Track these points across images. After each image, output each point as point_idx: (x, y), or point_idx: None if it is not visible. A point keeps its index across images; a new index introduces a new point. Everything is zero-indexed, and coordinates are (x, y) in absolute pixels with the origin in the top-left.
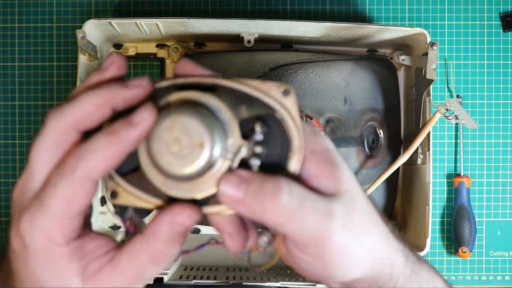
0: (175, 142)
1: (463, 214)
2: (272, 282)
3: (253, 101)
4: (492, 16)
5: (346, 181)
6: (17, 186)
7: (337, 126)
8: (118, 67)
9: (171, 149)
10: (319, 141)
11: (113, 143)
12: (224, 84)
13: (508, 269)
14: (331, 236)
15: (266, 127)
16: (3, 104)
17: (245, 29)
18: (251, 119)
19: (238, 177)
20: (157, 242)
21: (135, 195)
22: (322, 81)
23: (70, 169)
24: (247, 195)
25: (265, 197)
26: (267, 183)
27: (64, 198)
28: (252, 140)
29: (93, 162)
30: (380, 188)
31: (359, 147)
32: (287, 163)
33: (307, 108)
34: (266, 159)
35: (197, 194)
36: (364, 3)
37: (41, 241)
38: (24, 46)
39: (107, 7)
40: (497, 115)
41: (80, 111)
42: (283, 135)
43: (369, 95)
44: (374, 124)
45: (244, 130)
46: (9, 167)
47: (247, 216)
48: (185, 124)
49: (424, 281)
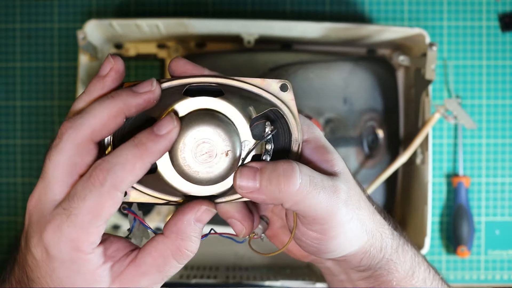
0: (201, 150)
1: (462, 213)
2: (272, 281)
3: (257, 99)
4: (491, 17)
5: (339, 163)
6: (33, 197)
7: (336, 126)
8: (117, 71)
9: (197, 158)
10: (311, 130)
11: (142, 155)
12: (229, 84)
13: (506, 267)
14: (338, 211)
15: (269, 120)
16: (3, 104)
17: (245, 30)
18: (259, 118)
19: (251, 169)
20: (182, 241)
21: (146, 194)
22: (321, 81)
23: (99, 182)
24: (262, 182)
25: (279, 179)
26: (278, 166)
27: (92, 209)
28: (264, 139)
29: (121, 174)
30: (380, 188)
31: (359, 147)
32: (290, 150)
33: (306, 108)
34: (272, 152)
35: (215, 192)
36: (363, 3)
37: (67, 251)
38: (25, 46)
39: (107, 7)
40: (496, 115)
41: (96, 122)
42: (284, 126)
43: (369, 95)
44: (374, 124)
45: (254, 129)
46: (10, 167)
47: (265, 202)
48: (209, 133)
49: (408, 256)
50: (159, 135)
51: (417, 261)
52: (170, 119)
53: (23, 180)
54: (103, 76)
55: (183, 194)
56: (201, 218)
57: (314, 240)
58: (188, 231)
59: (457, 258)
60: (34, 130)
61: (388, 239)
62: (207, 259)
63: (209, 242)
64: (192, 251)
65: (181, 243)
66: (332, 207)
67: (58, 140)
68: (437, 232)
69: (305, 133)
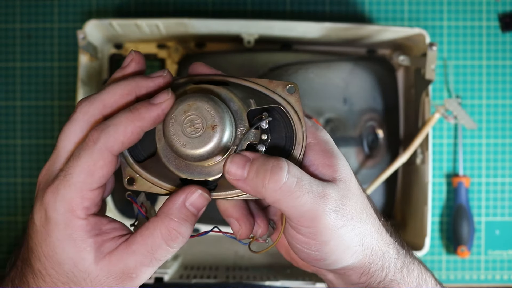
0: (190, 124)
1: (462, 213)
2: (272, 281)
3: (261, 96)
4: (491, 17)
5: (342, 170)
6: (43, 168)
7: (336, 126)
8: (137, 62)
9: (185, 131)
10: (318, 133)
11: (134, 119)
12: (236, 82)
13: (506, 267)
14: (323, 216)
15: (272, 118)
16: (3, 104)
17: (245, 30)
18: (259, 111)
19: (243, 157)
20: (171, 221)
21: (151, 181)
22: (321, 81)
23: (92, 141)
24: (250, 173)
25: (265, 174)
26: (269, 161)
27: (85, 168)
28: (259, 127)
29: (114, 135)
30: (380, 188)
31: (359, 147)
32: (290, 152)
33: (307, 108)
34: (270, 147)
35: (208, 177)
36: (363, 3)
37: (63, 212)
38: (25, 46)
39: (107, 7)
40: (496, 115)
41: (109, 97)
42: (288, 127)
43: (369, 95)
44: (374, 124)
45: (252, 120)
46: (10, 167)
47: (249, 193)
48: (199, 108)
49: (414, 275)
50: (153, 104)
51: (424, 279)
52: (165, 91)
53: (23, 180)
54: (124, 67)
55: (179, 177)
56: (194, 203)
57: (303, 244)
58: (179, 212)
59: (457, 258)
60: (34, 130)
61: (392, 259)
62: (207, 259)
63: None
64: (182, 233)
65: (170, 223)
66: (316, 211)
67: (73, 113)
68: (437, 232)
69: (312, 135)
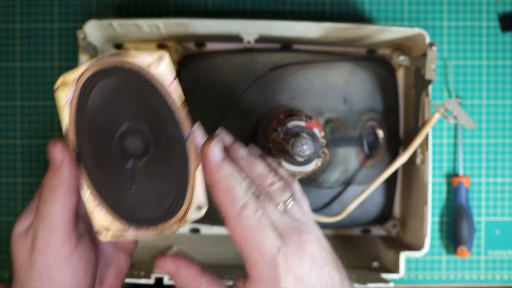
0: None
1: (462, 213)
2: None
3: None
4: (491, 17)
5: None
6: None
7: (336, 126)
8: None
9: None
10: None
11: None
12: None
13: (506, 267)
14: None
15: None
16: (3, 104)
17: (245, 30)
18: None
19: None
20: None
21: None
22: (321, 81)
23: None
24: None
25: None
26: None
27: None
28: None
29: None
30: (379, 188)
31: (359, 147)
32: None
33: (307, 108)
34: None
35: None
36: (363, 3)
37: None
38: (25, 46)
39: (107, 7)
40: (496, 115)
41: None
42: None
43: (369, 95)
44: (374, 124)
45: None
46: (10, 167)
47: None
48: None
49: None
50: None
51: None
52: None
53: (23, 180)
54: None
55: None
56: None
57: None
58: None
59: (457, 258)
60: (34, 130)
61: None
62: (207, 259)
63: (209, 242)
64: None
65: None
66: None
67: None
68: (437, 232)
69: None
